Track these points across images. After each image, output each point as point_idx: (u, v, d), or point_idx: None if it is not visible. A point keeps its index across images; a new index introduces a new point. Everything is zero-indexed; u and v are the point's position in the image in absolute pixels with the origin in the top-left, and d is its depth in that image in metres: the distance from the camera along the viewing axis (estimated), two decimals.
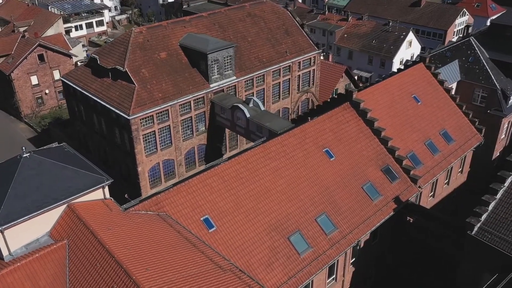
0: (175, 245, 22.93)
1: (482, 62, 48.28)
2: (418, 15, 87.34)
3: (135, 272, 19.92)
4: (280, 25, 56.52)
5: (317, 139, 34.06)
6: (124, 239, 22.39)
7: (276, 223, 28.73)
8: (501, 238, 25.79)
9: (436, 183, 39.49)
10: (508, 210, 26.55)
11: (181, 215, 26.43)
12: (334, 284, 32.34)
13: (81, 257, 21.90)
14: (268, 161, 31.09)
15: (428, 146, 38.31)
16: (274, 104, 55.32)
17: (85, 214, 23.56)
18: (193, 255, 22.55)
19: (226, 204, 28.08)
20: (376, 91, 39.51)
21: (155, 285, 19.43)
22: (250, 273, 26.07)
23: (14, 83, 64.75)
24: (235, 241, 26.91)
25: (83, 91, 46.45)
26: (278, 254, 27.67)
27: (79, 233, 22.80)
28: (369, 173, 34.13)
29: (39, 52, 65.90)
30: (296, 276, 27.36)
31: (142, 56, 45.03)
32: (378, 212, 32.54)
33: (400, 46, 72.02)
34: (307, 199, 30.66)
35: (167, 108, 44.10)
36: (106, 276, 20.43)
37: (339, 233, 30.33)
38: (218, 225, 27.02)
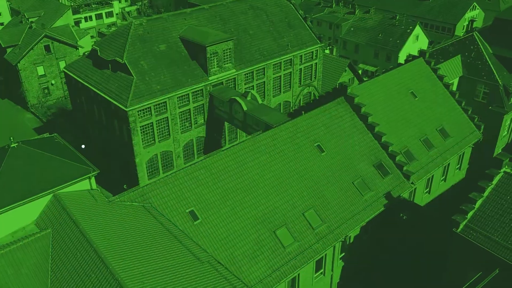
0: (155, 236, 23.27)
1: (484, 58, 47.53)
2: (427, 8, 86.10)
3: (112, 262, 20.30)
4: (283, 18, 56.30)
5: (309, 133, 34.01)
6: (105, 229, 22.78)
7: (262, 217, 28.89)
8: (486, 236, 25.58)
9: (431, 180, 39.19)
10: (494, 208, 26.31)
11: (166, 206, 26.74)
12: (322, 278, 32.44)
13: (64, 246, 22.37)
14: (257, 155, 31.19)
15: (423, 142, 37.99)
16: (275, 97, 55.27)
17: (69, 204, 24.02)
18: (172, 246, 22.87)
19: (213, 196, 28.31)
20: (372, 86, 39.24)
21: (130, 275, 19.79)
22: (234, 266, 26.36)
23: (21, 74, 65.67)
24: (219, 234, 27.15)
25: (84, 82, 46.99)
26: (263, 247, 27.85)
27: (63, 222, 23.27)
28: (360, 168, 34.03)
29: (45, 42, 66.60)
30: (280, 270, 27.53)
31: (142, 48, 45.32)
32: (368, 208, 32.48)
33: (406, 40, 71.20)
34: (296, 193, 30.73)
35: (165, 100, 44.39)
36: (85, 265, 20.87)
37: (327, 227, 30.37)
38: (203, 217, 27.28)
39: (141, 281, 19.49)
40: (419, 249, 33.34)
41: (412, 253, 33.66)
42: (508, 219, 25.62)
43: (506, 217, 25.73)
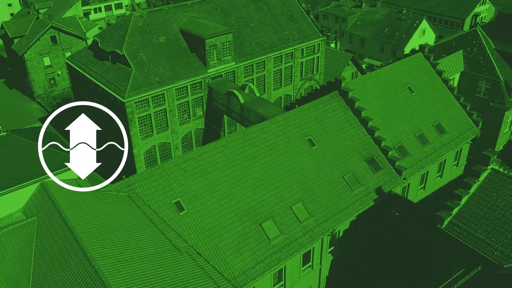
0: (137, 226, 23.63)
1: (486, 53, 46.90)
2: (436, 2, 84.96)
3: (91, 249, 20.71)
4: (285, 11, 56.10)
5: (301, 127, 34.04)
6: (88, 218, 23.20)
7: (249, 209, 29.09)
8: (470, 233, 25.45)
9: (426, 176, 38.96)
10: (480, 205, 26.14)
11: (152, 197, 27.09)
12: (310, 271, 32.59)
13: (47, 234, 22.86)
14: (246, 147, 31.34)
15: (418, 137, 37.75)
16: (276, 90, 55.26)
17: (55, 193, 24.47)
18: (153, 236, 23.21)
19: (199, 188, 28.56)
20: (368, 80, 39.05)
21: (107, 263, 20.18)
22: (217, 257, 26.70)
23: (27, 64, 66.63)
24: (204, 225, 27.45)
25: (84, 73, 47.54)
26: (248, 239, 28.08)
27: (48, 210, 23.73)
28: (351, 163, 33.99)
29: (51, 33, 67.40)
30: (264, 262, 27.75)
31: (141, 40, 45.63)
32: (357, 202, 32.48)
33: (412, 34, 70.42)
34: (284, 187, 30.85)
35: (163, 92, 44.71)
36: (65, 253, 21.32)
37: (314, 221, 30.47)
38: (189, 208, 27.59)
39: (117, 269, 19.86)
40: (409, 245, 33.31)
41: (402, 248, 33.65)
42: (492, 216, 25.46)
43: (491, 214, 25.56)
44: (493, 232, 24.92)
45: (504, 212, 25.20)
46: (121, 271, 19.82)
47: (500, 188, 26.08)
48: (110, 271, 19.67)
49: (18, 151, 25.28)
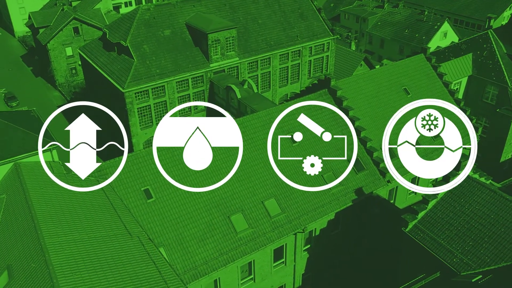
0: (97, 209, 24.44)
1: (496, 57, 45.18)
2: (464, 4, 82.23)
3: (44, 227, 21.63)
4: (296, 9, 55.93)
5: (284, 123, 33.97)
6: (50, 199, 24.19)
7: (219, 201, 29.39)
8: (432, 238, 24.80)
9: (417, 180, 38.03)
10: (446, 211, 25.42)
11: (121, 183, 27.87)
12: (284, 267, 32.54)
13: (11, 211, 23.99)
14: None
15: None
16: (281, 88, 55.24)
17: (26, 173, 25.64)
18: (110, 219, 23.94)
19: (172, 177, 29.01)
20: (361, 80, 38.52)
21: (55, 242, 21.03)
22: (180, 245, 27.20)
23: (50, 53, 69.36)
24: (171, 214, 27.98)
25: (92, 63, 49.16)
26: (214, 230, 28.41)
27: (15, 189, 24.91)
28: (333, 162, 33.64)
29: (74, 25, 69.87)
30: (228, 254, 28.01)
31: (146, 32, 46.73)
32: (333, 202, 32.18)
33: (433, 36, 68.52)
34: (258, 181, 30.96)
35: (163, 84, 45.64)
36: (21, 229, 22.34)
37: (285, 217, 30.45)
38: (158, 196, 28.19)
39: (62, 248, 20.67)
40: (382, 246, 32.77)
41: (375, 249, 33.14)
42: (457, 222, 24.74)
43: (455, 220, 24.84)
44: (455, 238, 24.21)
45: (469, 218, 24.44)
46: (66, 250, 20.60)
47: (468, 194, 25.29)
48: (56, 249, 20.48)
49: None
